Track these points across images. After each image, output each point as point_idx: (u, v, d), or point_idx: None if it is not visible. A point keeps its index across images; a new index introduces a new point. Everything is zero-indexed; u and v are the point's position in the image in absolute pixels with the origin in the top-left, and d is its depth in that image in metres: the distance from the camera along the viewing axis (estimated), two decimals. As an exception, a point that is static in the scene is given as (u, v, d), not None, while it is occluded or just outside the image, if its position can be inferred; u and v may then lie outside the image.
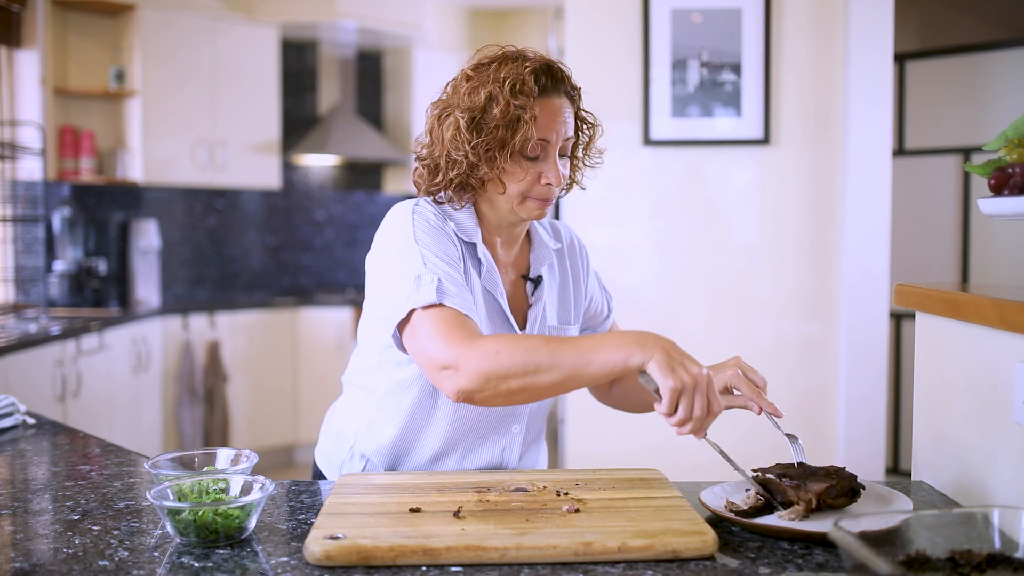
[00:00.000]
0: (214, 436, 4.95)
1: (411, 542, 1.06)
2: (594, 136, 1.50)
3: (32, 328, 3.80)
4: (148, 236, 5.06)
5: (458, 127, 1.36)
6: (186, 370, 4.85)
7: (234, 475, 1.21)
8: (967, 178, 4.21)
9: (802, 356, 3.19)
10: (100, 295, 4.87)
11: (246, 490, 1.18)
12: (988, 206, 1.27)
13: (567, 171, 1.45)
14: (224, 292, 5.69)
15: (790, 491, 1.21)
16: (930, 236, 4.33)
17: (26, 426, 1.84)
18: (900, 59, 4.37)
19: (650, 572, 1.04)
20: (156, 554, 1.10)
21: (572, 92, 1.42)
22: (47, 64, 4.51)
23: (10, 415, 1.82)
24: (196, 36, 5.08)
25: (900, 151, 4.41)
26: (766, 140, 3.12)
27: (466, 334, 1.25)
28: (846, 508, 1.24)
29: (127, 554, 1.10)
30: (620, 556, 1.06)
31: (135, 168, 4.89)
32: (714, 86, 3.10)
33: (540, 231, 1.54)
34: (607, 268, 2.99)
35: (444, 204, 1.45)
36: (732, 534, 1.18)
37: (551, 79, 1.38)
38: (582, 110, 1.46)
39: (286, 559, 1.08)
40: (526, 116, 1.34)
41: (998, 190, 1.26)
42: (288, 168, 5.88)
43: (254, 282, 5.83)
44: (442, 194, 1.44)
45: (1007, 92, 4.10)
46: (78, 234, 4.84)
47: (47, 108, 4.50)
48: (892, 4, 3.06)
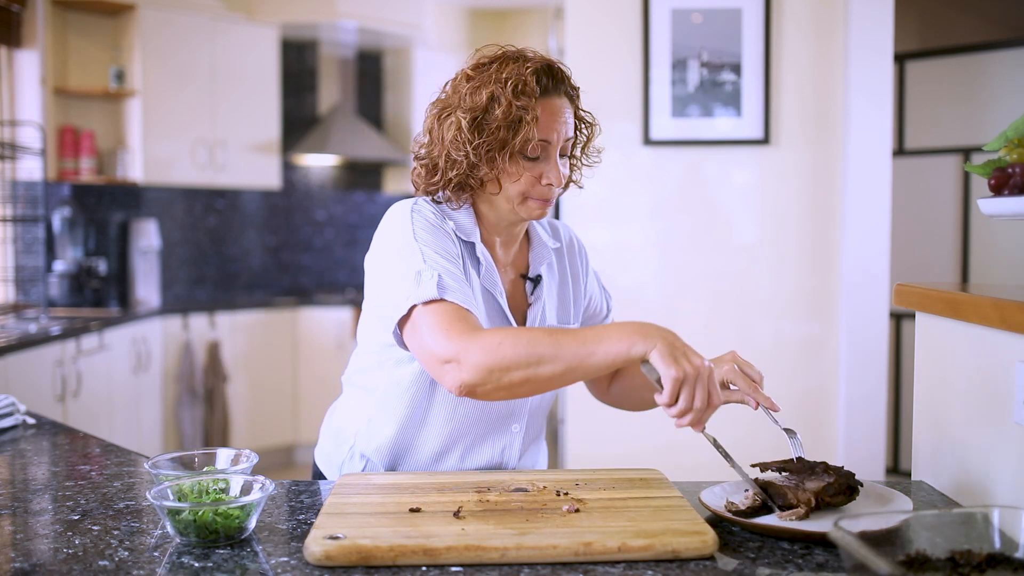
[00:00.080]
0: (214, 436, 4.95)
1: (411, 542, 1.06)
2: (592, 135, 1.50)
3: (32, 328, 3.80)
4: (148, 236, 5.06)
5: (459, 127, 1.36)
6: (186, 370, 4.85)
7: (234, 475, 1.21)
8: (967, 178, 4.21)
9: (802, 356, 3.19)
10: (100, 295, 4.87)
11: (246, 490, 1.18)
12: (988, 206, 1.27)
13: (567, 171, 1.45)
14: (224, 292, 5.69)
15: (788, 492, 1.21)
16: (930, 236, 4.33)
17: (26, 426, 1.84)
18: (900, 59, 4.37)
19: (650, 572, 1.04)
20: (156, 554, 1.10)
21: (572, 92, 1.43)
22: (47, 64, 4.51)
23: (10, 415, 1.82)
24: (196, 36, 5.08)
25: (900, 151, 4.41)
26: (766, 140, 3.12)
27: (467, 328, 1.25)
28: (845, 506, 1.24)
29: (127, 554, 1.10)
30: (620, 556, 1.06)
31: (135, 168, 4.89)
32: (714, 86, 3.10)
33: (539, 230, 1.54)
34: (607, 268, 2.99)
35: (442, 204, 1.45)
36: (732, 534, 1.18)
37: (552, 79, 1.38)
38: (580, 109, 1.46)
39: (286, 559, 1.08)
40: (528, 117, 1.33)
41: (998, 190, 1.26)
42: (288, 168, 5.88)
43: (254, 282, 5.83)
44: (440, 194, 1.44)
45: (1007, 92, 4.10)
46: (78, 234, 4.84)
47: (47, 108, 4.50)
48: (892, 4, 3.06)
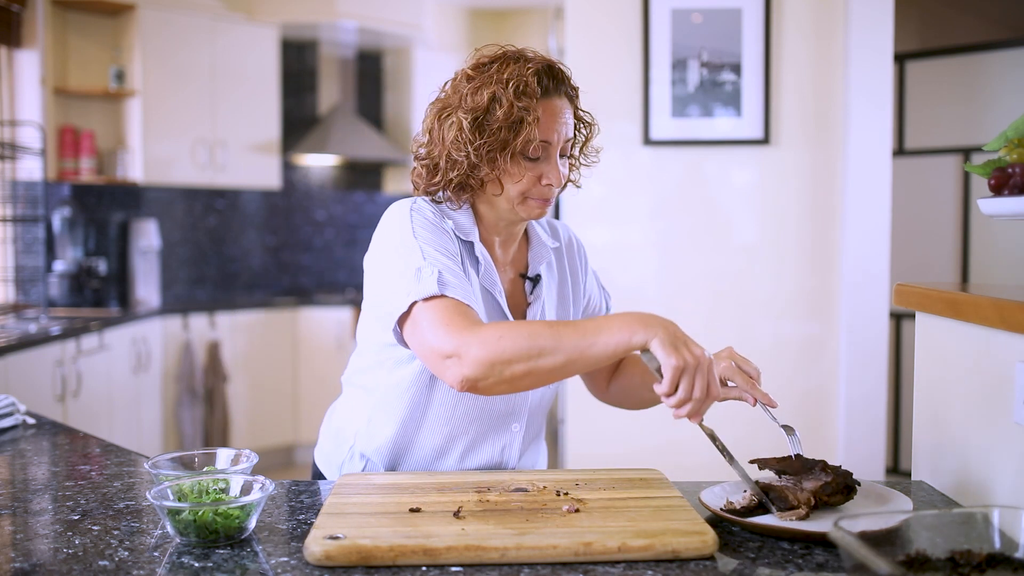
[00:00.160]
0: (214, 436, 4.95)
1: (411, 542, 1.06)
2: (591, 135, 1.50)
3: (32, 328, 3.80)
4: (148, 236, 5.06)
5: (460, 127, 1.36)
6: (186, 370, 4.85)
7: (234, 475, 1.21)
8: (967, 178, 4.21)
9: (802, 356, 3.19)
10: (100, 295, 4.87)
11: (246, 490, 1.18)
12: (988, 206, 1.27)
13: (566, 171, 1.45)
14: (224, 292, 5.69)
15: (788, 493, 1.21)
16: (930, 236, 4.33)
17: (26, 426, 1.84)
18: (900, 59, 4.37)
19: (650, 572, 1.04)
20: (156, 554, 1.10)
21: (572, 92, 1.43)
22: (47, 64, 4.51)
23: (10, 415, 1.82)
24: (196, 36, 5.08)
25: (900, 151, 4.41)
26: (766, 140, 3.12)
27: (468, 323, 1.25)
28: (844, 506, 1.24)
29: (127, 554, 1.10)
30: (620, 556, 1.06)
31: (135, 168, 4.89)
32: (714, 86, 3.10)
33: (538, 230, 1.54)
34: (607, 268, 2.99)
35: (442, 204, 1.45)
36: (732, 534, 1.18)
37: (553, 80, 1.38)
38: (580, 110, 1.46)
39: (286, 559, 1.08)
40: (529, 118, 1.33)
41: (998, 190, 1.26)
42: (288, 168, 5.88)
43: (254, 282, 5.83)
44: (440, 194, 1.44)
45: (1007, 92, 4.10)
46: (78, 234, 4.84)
47: (47, 108, 4.50)
48: (892, 4, 3.06)
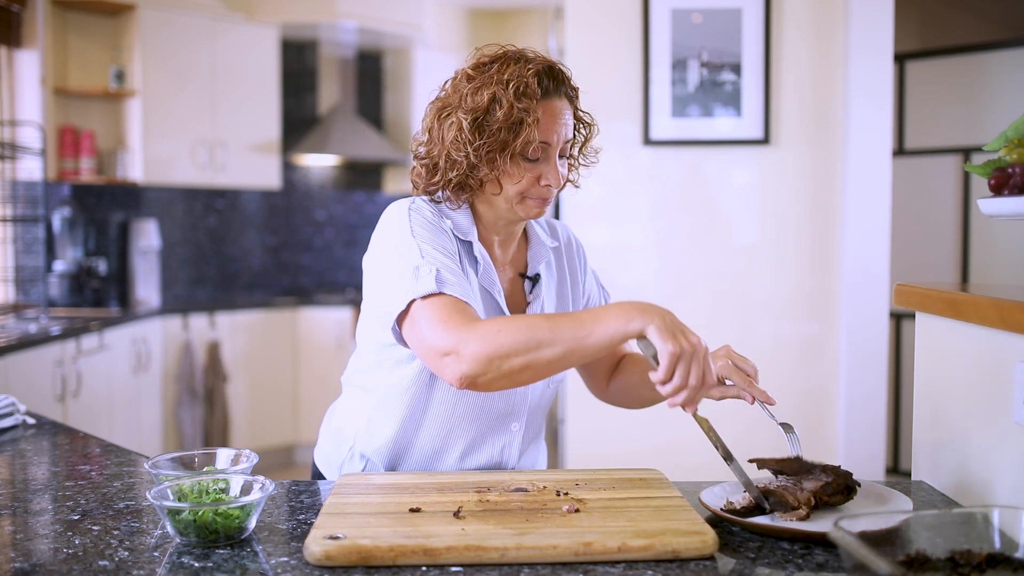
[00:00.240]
0: (214, 436, 4.95)
1: (411, 542, 1.06)
2: (590, 136, 1.50)
3: (32, 328, 3.80)
4: (148, 236, 5.06)
5: (460, 128, 1.36)
6: (186, 370, 4.85)
7: (234, 475, 1.21)
8: (967, 178, 4.21)
9: (802, 356, 3.19)
10: (100, 295, 4.87)
11: (246, 490, 1.18)
12: (988, 206, 1.27)
13: (565, 171, 1.45)
14: (224, 292, 5.69)
15: (788, 495, 1.21)
16: (930, 236, 4.33)
17: (26, 426, 1.84)
18: (900, 59, 4.37)
19: (650, 572, 1.04)
20: (156, 554, 1.10)
21: (572, 93, 1.42)
22: (47, 64, 4.51)
23: (10, 415, 1.82)
24: (196, 36, 5.08)
25: (900, 151, 4.41)
26: (766, 140, 3.12)
27: (466, 319, 1.25)
28: (844, 506, 1.24)
29: (127, 554, 1.10)
30: (620, 556, 1.06)
31: (135, 168, 4.89)
32: (714, 86, 3.10)
33: (537, 229, 1.54)
34: (607, 268, 2.99)
35: (441, 203, 1.45)
36: (732, 534, 1.18)
37: (553, 81, 1.38)
38: (579, 110, 1.46)
39: (286, 559, 1.08)
40: (529, 119, 1.33)
41: (998, 190, 1.26)
42: (288, 168, 5.88)
43: (254, 282, 5.83)
44: (440, 193, 1.44)
45: (1007, 92, 4.10)
46: (78, 234, 4.84)
47: (47, 108, 4.50)
48: (892, 4, 3.06)
